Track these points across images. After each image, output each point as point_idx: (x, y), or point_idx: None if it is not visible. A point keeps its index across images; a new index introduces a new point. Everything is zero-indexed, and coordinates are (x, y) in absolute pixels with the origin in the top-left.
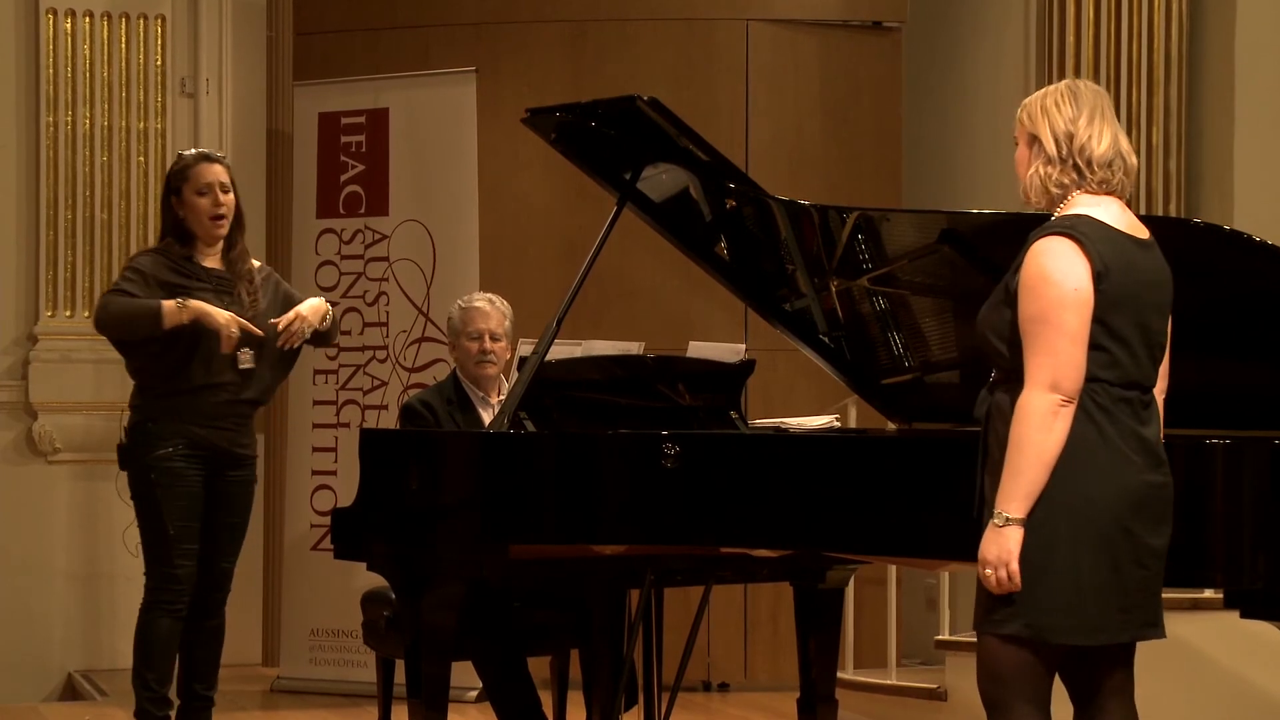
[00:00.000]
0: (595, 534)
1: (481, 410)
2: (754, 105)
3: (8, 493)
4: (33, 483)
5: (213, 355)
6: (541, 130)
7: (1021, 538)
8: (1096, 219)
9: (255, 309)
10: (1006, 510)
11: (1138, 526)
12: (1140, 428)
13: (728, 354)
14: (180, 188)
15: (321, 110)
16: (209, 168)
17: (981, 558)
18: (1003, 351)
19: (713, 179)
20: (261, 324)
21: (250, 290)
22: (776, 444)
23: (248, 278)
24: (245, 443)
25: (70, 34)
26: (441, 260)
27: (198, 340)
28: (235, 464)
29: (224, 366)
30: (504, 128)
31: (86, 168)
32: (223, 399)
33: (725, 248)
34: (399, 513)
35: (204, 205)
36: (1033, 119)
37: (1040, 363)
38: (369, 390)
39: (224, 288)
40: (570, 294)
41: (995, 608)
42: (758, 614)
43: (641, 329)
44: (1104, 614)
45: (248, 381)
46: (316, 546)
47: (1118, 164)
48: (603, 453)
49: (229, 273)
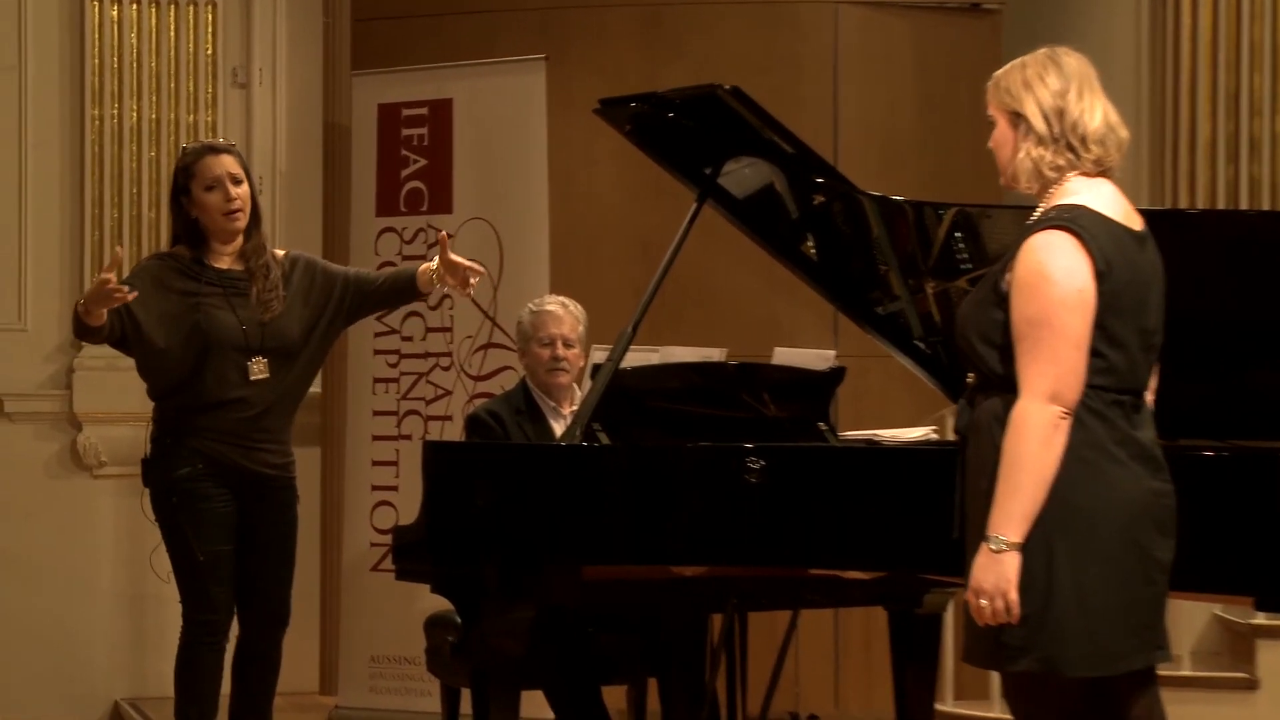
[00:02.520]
0: (674, 554)
1: (553, 421)
2: (843, 94)
3: (51, 508)
4: (77, 498)
5: (223, 367)
6: (615, 122)
7: (1019, 563)
8: (1096, 211)
9: (270, 310)
10: (1002, 533)
11: (1144, 538)
12: (1135, 432)
13: (816, 361)
14: (187, 185)
15: (381, 101)
16: (216, 159)
17: (975, 587)
18: (988, 357)
19: (799, 173)
20: (283, 327)
21: (265, 289)
22: (869, 458)
23: (263, 274)
24: (276, 462)
25: (116, 22)
26: (509, 261)
27: (206, 351)
28: (267, 487)
29: (236, 379)
30: (575, 119)
31: (133, 164)
32: (240, 415)
33: (813, 247)
34: (465, 531)
35: (214, 201)
36: (1014, 94)
37: (1040, 370)
38: (432, 400)
39: (237, 289)
40: (647, 297)
41: (1000, 642)
42: (849, 641)
43: (723, 334)
44: (1118, 639)
45: (265, 394)
46: (377, 567)
47: (1111, 140)
48: (682, 467)
49: (244, 272)
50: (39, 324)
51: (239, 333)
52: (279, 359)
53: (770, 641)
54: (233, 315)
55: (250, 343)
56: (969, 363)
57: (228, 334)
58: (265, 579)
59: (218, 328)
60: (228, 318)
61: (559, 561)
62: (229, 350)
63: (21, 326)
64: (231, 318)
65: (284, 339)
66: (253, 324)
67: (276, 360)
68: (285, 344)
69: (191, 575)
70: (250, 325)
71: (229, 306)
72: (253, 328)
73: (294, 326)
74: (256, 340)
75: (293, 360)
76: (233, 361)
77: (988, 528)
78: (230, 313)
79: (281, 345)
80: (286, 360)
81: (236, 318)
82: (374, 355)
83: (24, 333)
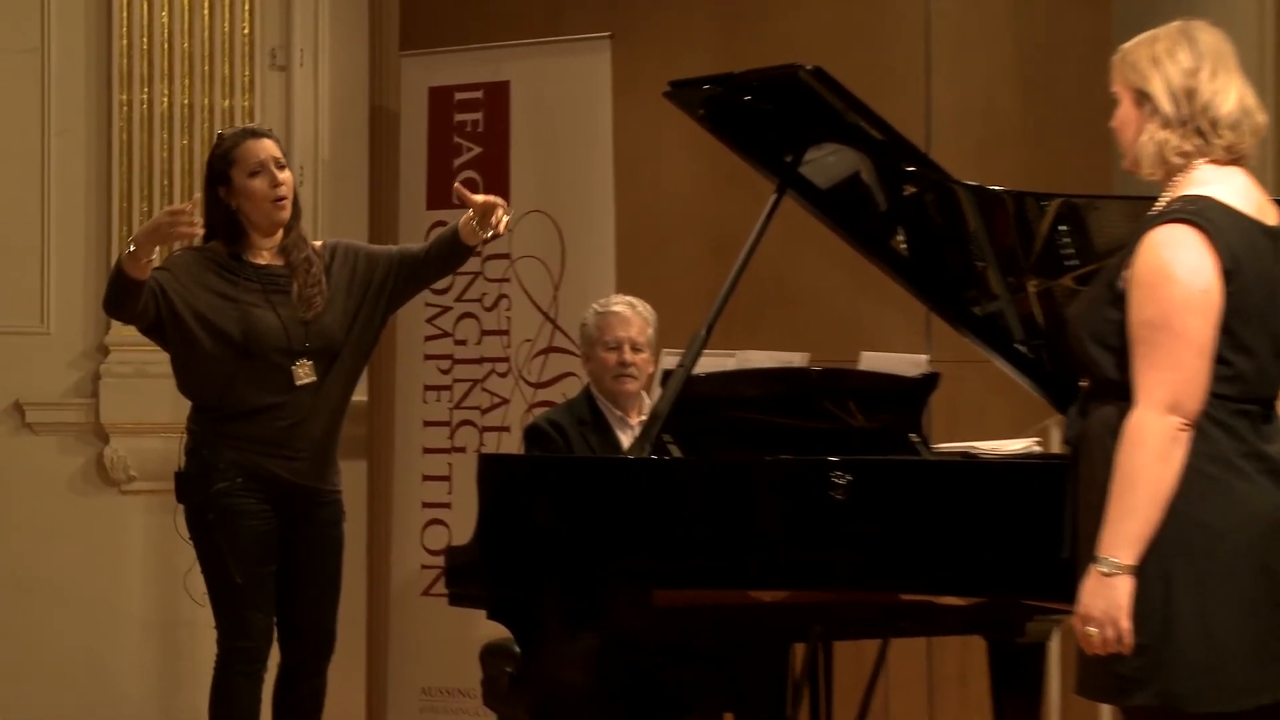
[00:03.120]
0: (752, 578)
1: (619, 432)
2: (936, 74)
3: (76, 527)
4: (104, 516)
5: (264, 371)
6: (687, 106)
7: (1132, 588)
8: (1223, 203)
9: (312, 306)
10: (1114, 555)
11: (1275, 561)
12: (1263, 445)
13: (907, 366)
14: (227, 173)
15: (432, 84)
16: (258, 143)
17: (1083, 613)
18: (1102, 361)
19: (888, 161)
20: (327, 325)
21: (307, 284)
22: (966, 472)
23: (304, 268)
24: (323, 474)
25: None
26: (572, 258)
27: (246, 355)
28: (311, 502)
29: (279, 383)
30: (643, 103)
31: (164, 152)
32: (284, 423)
33: (903, 241)
34: (523, 552)
35: (260, 187)
36: (1140, 71)
37: (1158, 378)
38: (488, 409)
39: (277, 286)
40: (721, 297)
41: (1114, 674)
42: (944, 672)
43: (805, 337)
44: (1246, 671)
45: (311, 399)
46: (428, 591)
47: (1245, 125)
48: (760, 482)
49: (284, 266)
50: (62, 327)
51: (281, 333)
52: (323, 360)
53: (858, 673)
54: (274, 315)
55: (294, 344)
56: (1081, 367)
57: (269, 335)
58: (308, 603)
59: (259, 329)
60: (269, 317)
61: (626, 586)
62: (271, 353)
63: (43, 330)
64: (273, 317)
65: (328, 337)
66: (295, 323)
67: (321, 362)
68: (330, 343)
69: (228, 599)
70: (293, 325)
71: (269, 305)
72: (295, 327)
73: (338, 322)
74: (300, 341)
75: (338, 361)
76: (275, 365)
77: (1098, 549)
78: (271, 312)
79: (326, 344)
80: (331, 361)
81: (278, 317)
82: (425, 360)
83: (46, 336)
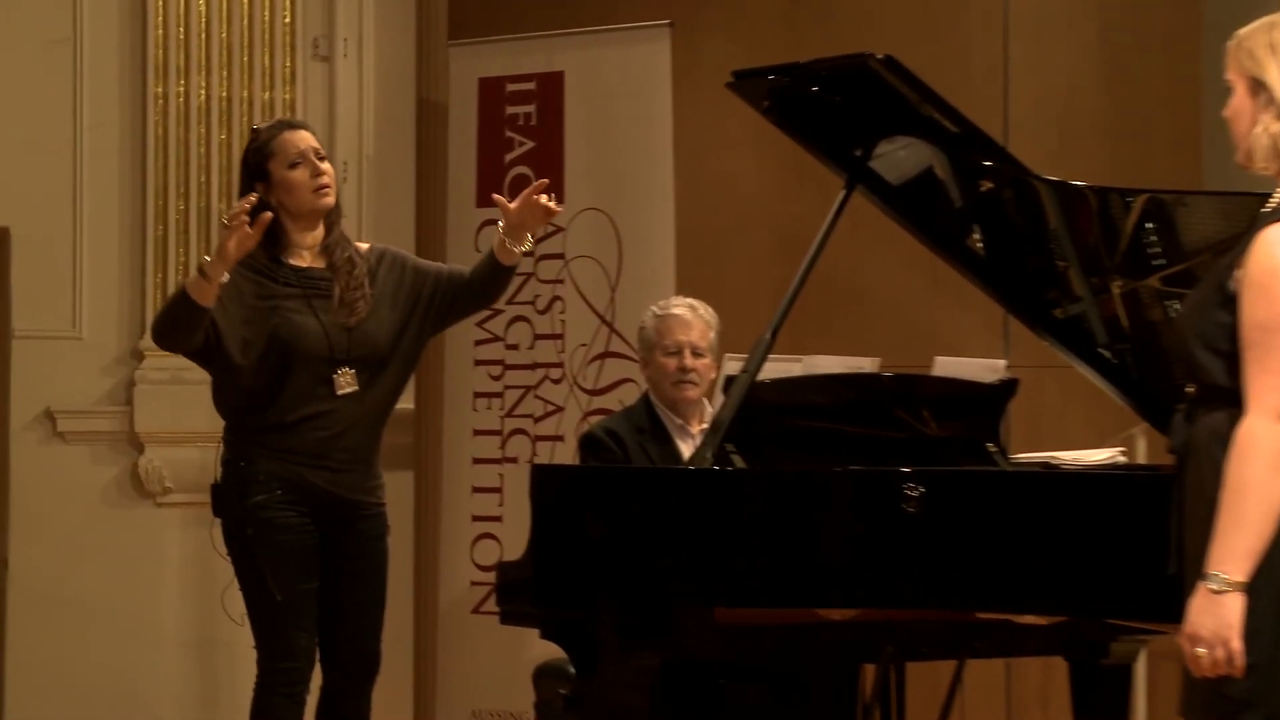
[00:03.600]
0: (820, 595)
1: (679, 441)
2: (1015, 64)
3: (109, 541)
4: (138, 529)
5: (305, 380)
6: (751, 97)
7: (1243, 605)
8: None
9: (355, 312)
10: (1224, 571)
11: None
12: None
13: (984, 372)
14: (264, 166)
15: (482, 75)
16: (295, 134)
17: (1190, 632)
18: (1210, 366)
19: (964, 155)
20: (370, 331)
21: (349, 288)
22: (1046, 484)
23: (346, 269)
24: (366, 486)
25: None
26: (630, 258)
27: (288, 360)
28: (353, 515)
29: (321, 392)
30: (705, 94)
31: (202, 147)
32: (323, 433)
33: (979, 240)
34: (579, 568)
35: (301, 178)
36: (1257, 59)
37: (1271, 383)
38: (541, 417)
39: (318, 290)
40: (787, 298)
41: (1221, 695)
42: (1023, 695)
43: (876, 341)
44: None
45: (351, 408)
46: (478, 609)
47: None
48: (829, 494)
49: (325, 269)
50: (96, 331)
51: (322, 340)
52: (366, 368)
53: (932, 696)
54: (315, 320)
55: (335, 351)
56: (1186, 373)
57: (310, 342)
58: (352, 622)
59: (299, 335)
60: (309, 323)
61: (688, 603)
62: (312, 360)
63: (75, 334)
64: (314, 323)
65: (372, 345)
66: (337, 329)
67: (364, 370)
68: (373, 350)
69: (269, 618)
70: (334, 331)
71: (310, 310)
72: (337, 333)
73: (382, 330)
74: (342, 348)
75: (382, 370)
76: (316, 373)
77: (1206, 564)
78: (312, 317)
79: (370, 352)
80: (375, 370)
81: (319, 323)
82: (475, 366)
83: (78, 341)
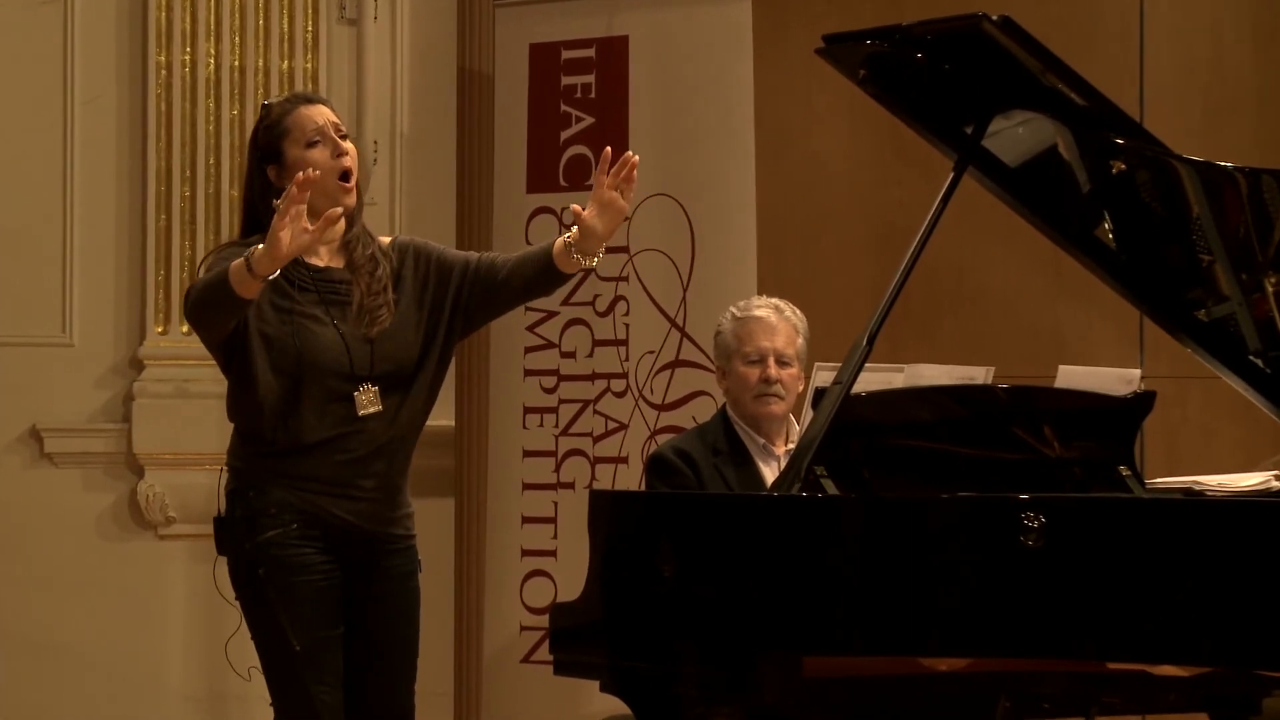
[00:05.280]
0: (924, 642)
1: (761, 463)
2: (1151, 27)
3: (105, 578)
4: (137, 564)
5: (321, 399)
6: (845, 65)
7: None
8: None
9: (378, 321)
10: None
11: None
12: None
13: (1115, 383)
14: (277, 147)
15: (534, 41)
16: (312, 109)
17: None
18: None
19: (1093, 132)
20: (396, 343)
21: (371, 291)
22: (1188, 513)
23: (368, 269)
24: (393, 516)
25: None
26: (704, 252)
27: (302, 376)
28: (379, 550)
29: (339, 413)
30: (791, 62)
31: (210, 125)
32: (343, 457)
33: (1110, 230)
34: (645, 609)
35: (321, 158)
36: None
37: None
38: (601, 436)
39: (337, 295)
40: (888, 298)
41: None
42: None
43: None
44: None
45: (375, 430)
46: (529, 658)
47: None
48: (935, 525)
49: (346, 267)
50: (88, 337)
51: (341, 354)
52: (392, 385)
53: None
54: (333, 331)
55: (355, 367)
56: None
57: (327, 356)
58: (380, 672)
59: (315, 348)
60: (327, 335)
61: (772, 651)
62: (329, 377)
63: (66, 340)
64: (331, 334)
65: (398, 358)
66: (358, 342)
67: (389, 387)
68: (399, 365)
69: (286, 670)
70: (354, 343)
71: (328, 319)
72: (357, 346)
73: (410, 340)
74: (364, 363)
75: (409, 385)
76: (334, 391)
77: None
78: (329, 327)
79: (395, 368)
80: (402, 386)
81: (338, 334)
82: (525, 377)
83: (69, 349)
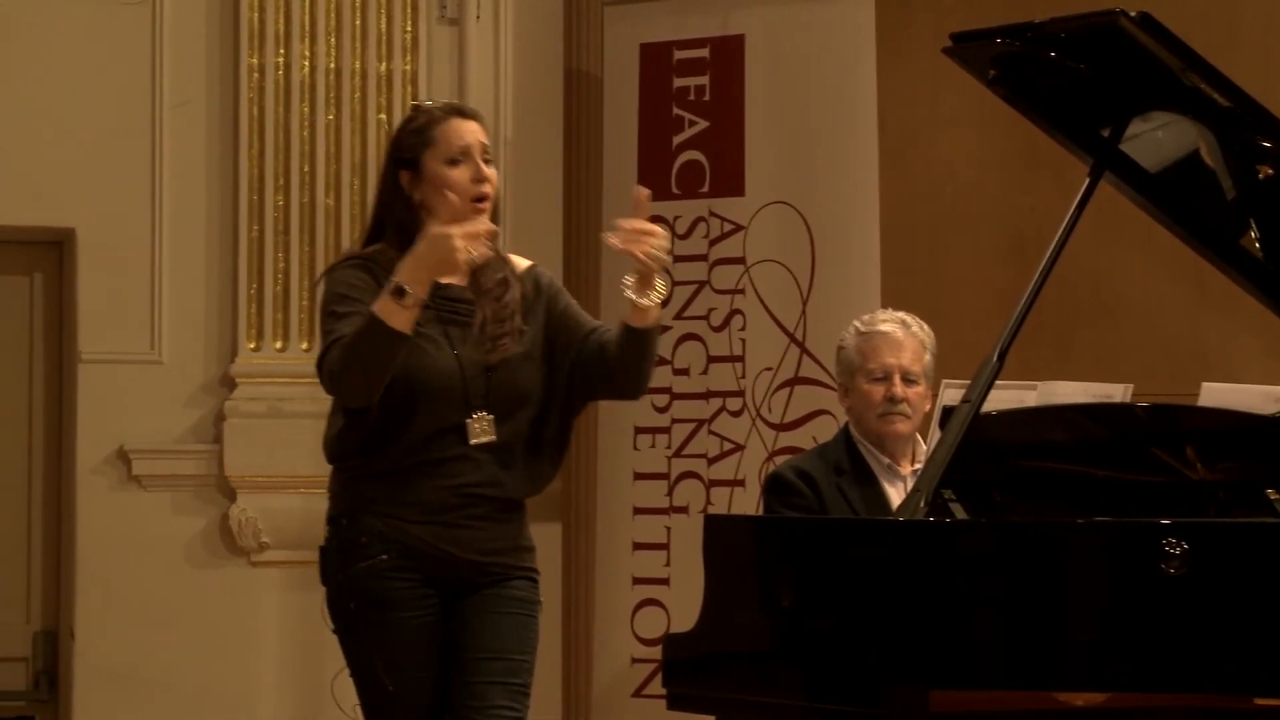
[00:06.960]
0: (1059, 675)
1: (887, 485)
2: None
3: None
4: (229, 592)
5: (430, 425)
6: (974, 65)
7: None
8: None
9: (501, 349)
10: None
11: None
12: None
13: (1262, 401)
14: (418, 156)
15: (645, 40)
16: (463, 125)
17: None
18: None
19: (1237, 135)
20: (517, 374)
21: (497, 316)
22: None
23: (496, 293)
24: (502, 548)
25: None
26: (824, 262)
27: (413, 399)
28: (488, 580)
29: (449, 441)
30: (916, 63)
31: (304, 130)
32: (453, 483)
33: (1257, 239)
34: (765, 640)
35: (460, 180)
36: None
37: None
38: (717, 458)
39: (457, 316)
40: (1019, 312)
41: None
42: None
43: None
44: None
45: (489, 460)
46: (641, 692)
47: None
48: (1070, 551)
49: (470, 289)
50: (178, 354)
51: (456, 380)
52: (509, 414)
53: None
54: (449, 354)
55: (471, 395)
56: None
57: (440, 380)
58: (487, 713)
59: (427, 372)
60: (443, 358)
61: (897, 685)
62: (441, 403)
63: (154, 357)
64: (448, 358)
65: (517, 389)
66: (475, 368)
67: (506, 417)
68: (519, 395)
69: (380, 711)
70: (472, 370)
71: (446, 341)
72: (474, 374)
73: (532, 376)
74: (480, 391)
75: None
76: (446, 418)
77: None
78: (446, 350)
79: (515, 397)
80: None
81: (455, 358)
82: None
83: (158, 366)
